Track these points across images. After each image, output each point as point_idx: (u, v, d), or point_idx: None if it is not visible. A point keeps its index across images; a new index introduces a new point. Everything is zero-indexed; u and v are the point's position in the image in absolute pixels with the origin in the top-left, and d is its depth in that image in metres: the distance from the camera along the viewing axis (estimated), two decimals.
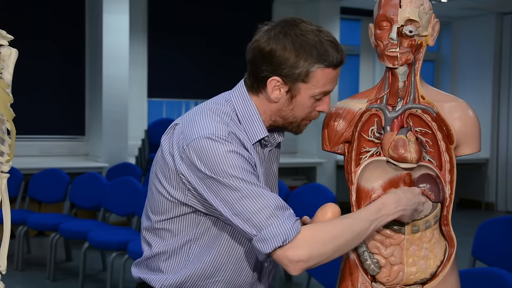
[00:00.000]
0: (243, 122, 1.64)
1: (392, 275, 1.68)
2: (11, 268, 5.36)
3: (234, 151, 1.53)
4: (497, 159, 9.34)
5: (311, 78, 1.59)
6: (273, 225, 1.48)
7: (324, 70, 1.59)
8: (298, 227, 1.50)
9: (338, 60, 1.60)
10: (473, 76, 9.56)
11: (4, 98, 1.34)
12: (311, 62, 1.58)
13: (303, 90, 1.61)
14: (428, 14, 1.70)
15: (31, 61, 6.99)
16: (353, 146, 1.74)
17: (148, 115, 7.98)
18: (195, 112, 1.65)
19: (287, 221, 1.49)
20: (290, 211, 1.53)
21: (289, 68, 1.58)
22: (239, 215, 1.51)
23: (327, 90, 1.63)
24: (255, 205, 1.50)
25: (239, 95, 1.67)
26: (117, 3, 7.06)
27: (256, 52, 1.61)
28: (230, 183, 1.51)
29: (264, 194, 1.51)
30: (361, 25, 9.34)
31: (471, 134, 1.70)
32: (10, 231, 1.43)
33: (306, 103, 1.63)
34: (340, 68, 1.64)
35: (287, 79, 1.60)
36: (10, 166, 1.41)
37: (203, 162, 1.53)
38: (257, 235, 1.50)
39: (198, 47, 8.07)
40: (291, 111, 1.64)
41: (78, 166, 6.92)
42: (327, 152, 1.80)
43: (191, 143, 1.55)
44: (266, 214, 1.49)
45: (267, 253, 1.50)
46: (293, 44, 1.57)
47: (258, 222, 1.49)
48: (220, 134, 1.55)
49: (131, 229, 5.01)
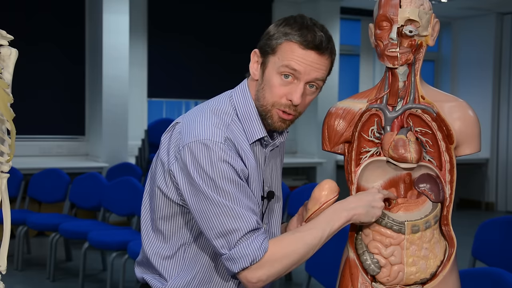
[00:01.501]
0: (242, 121, 1.64)
1: (392, 275, 1.68)
2: (11, 268, 5.36)
3: (226, 161, 1.53)
4: (497, 159, 9.34)
5: (278, 50, 1.61)
6: (242, 245, 1.52)
7: (291, 44, 1.60)
8: (266, 246, 1.53)
9: (310, 42, 1.59)
10: (473, 76, 9.56)
11: (4, 98, 1.34)
12: (281, 34, 1.61)
13: (270, 64, 1.63)
14: (428, 14, 1.70)
15: (31, 61, 6.99)
16: (353, 146, 1.74)
17: (148, 115, 7.98)
18: (196, 112, 1.65)
19: (255, 241, 1.52)
20: (261, 230, 1.55)
21: (266, 39, 1.64)
22: (213, 229, 1.53)
23: (290, 65, 1.59)
24: (232, 225, 1.52)
25: (241, 93, 1.68)
26: (117, 3, 7.06)
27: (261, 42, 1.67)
28: (213, 197, 1.52)
29: (242, 215, 1.52)
30: (361, 25, 9.34)
31: (471, 134, 1.70)
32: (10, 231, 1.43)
33: (273, 80, 1.61)
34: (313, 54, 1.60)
35: (261, 51, 1.64)
36: (10, 166, 1.41)
37: (195, 167, 1.54)
38: (225, 253, 1.53)
39: (198, 47, 8.07)
40: (262, 90, 1.64)
41: (78, 166, 6.92)
42: (327, 152, 1.80)
43: (187, 146, 1.56)
44: (239, 235, 1.52)
45: (235, 272, 1.54)
46: (282, 21, 1.64)
47: (229, 241, 1.52)
48: (216, 140, 1.55)
49: (131, 229, 5.01)
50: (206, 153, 1.53)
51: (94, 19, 7.28)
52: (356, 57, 9.38)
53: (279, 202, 1.79)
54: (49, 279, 5.22)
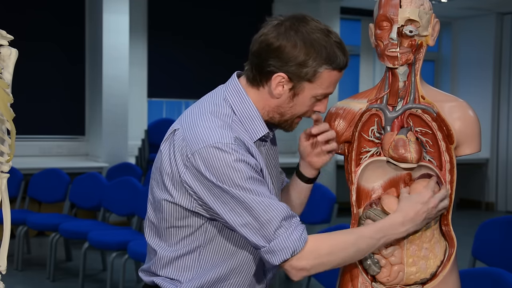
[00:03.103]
0: (243, 121, 1.62)
1: (392, 275, 1.68)
2: (11, 268, 5.36)
3: (242, 160, 1.52)
4: (497, 159, 9.34)
5: (317, 79, 1.58)
6: (282, 237, 1.50)
7: (330, 72, 1.59)
8: (305, 236, 1.52)
9: (345, 63, 1.61)
10: (473, 76, 9.56)
11: (4, 98, 1.34)
12: (319, 62, 1.57)
13: (307, 90, 1.60)
14: (428, 14, 1.70)
15: (31, 61, 6.99)
16: (353, 146, 1.74)
17: (148, 115, 7.98)
18: (195, 116, 1.61)
19: (295, 232, 1.51)
20: (296, 219, 1.54)
21: (297, 66, 1.57)
22: (247, 226, 1.51)
23: (329, 92, 1.63)
24: (263, 217, 1.50)
25: (233, 91, 1.65)
26: (117, 3, 7.06)
27: (264, 46, 1.59)
28: (238, 194, 1.50)
29: (272, 205, 1.51)
30: (361, 25, 9.34)
31: (471, 134, 1.70)
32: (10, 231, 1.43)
33: (307, 102, 1.62)
34: (343, 71, 1.64)
35: (293, 77, 1.58)
36: (10, 166, 1.41)
37: (211, 172, 1.51)
38: (265, 246, 1.51)
39: (198, 47, 8.07)
40: (290, 109, 1.63)
41: (78, 166, 6.92)
42: None
43: (197, 152, 1.52)
44: (274, 226, 1.50)
45: (276, 265, 1.52)
46: (303, 42, 1.56)
47: (266, 233, 1.50)
48: (227, 141, 1.52)
49: (131, 229, 5.01)
50: (221, 156, 1.51)
51: (94, 19, 7.28)
52: (356, 57, 9.38)
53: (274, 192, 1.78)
54: (49, 279, 5.22)
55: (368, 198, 1.73)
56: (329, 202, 4.55)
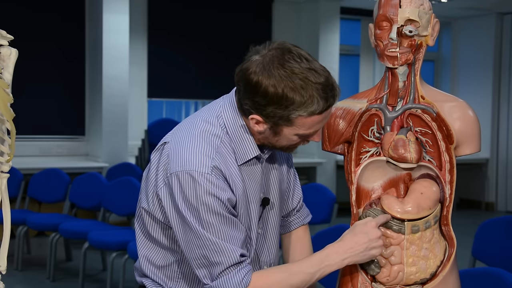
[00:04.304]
0: (233, 141, 1.61)
1: (392, 275, 1.68)
2: (11, 268, 5.36)
3: (212, 194, 1.52)
4: (497, 159, 9.34)
5: (294, 122, 1.53)
6: (224, 278, 1.53)
7: (306, 118, 1.52)
8: (247, 280, 1.54)
9: (324, 108, 1.52)
10: (473, 76, 9.55)
11: (4, 98, 1.34)
12: (291, 109, 1.50)
13: (286, 130, 1.56)
14: (428, 14, 1.70)
15: (31, 61, 6.99)
16: (353, 146, 1.74)
17: (148, 115, 7.98)
18: (185, 133, 1.60)
19: (237, 275, 1.53)
20: (245, 263, 1.55)
21: (269, 110, 1.51)
22: (196, 259, 1.55)
23: (312, 132, 1.58)
24: (213, 258, 1.53)
25: (229, 112, 1.62)
26: (117, 3, 7.06)
27: (241, 83, 1.55)
28: (197, 229, 1.52)
29: (225, 249, 1.52)
30: (361, 25, 9.33)
31: (471, 134, 1.70)
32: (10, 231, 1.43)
33: (292, 138, 1.59)
34: (330, 109, 1.55)
35: (267, 119, 1.54)
36: (10, 166, 1.41)
37: (180, 197, 1.53)
38: (207, 284, 1.55)
39: (198, 47, 8.06)
40: (277, 142, 1.61)
41: (78, 166, 6.92)
42: (327, 152, 1.80)
43: (175, 175, 1.54)
44: (221, 268, 1.53)
45: None
46: (275, 87, 1.48)
47: (212, 272, 1.54)
48: (203, 170, 1.52)
49: (131, 229, 5.00)
50: (192, 185, 1.52)
51: (94, 19, 7.28)
52: (356, 57, 9.38)
53: (274, 208, 1.75)
54: (49, 279, 5.21)
55: (368, 198, 1.73)
56: (329, 202, 4.55)
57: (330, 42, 8.41)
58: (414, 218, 1.67)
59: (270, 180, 1.73)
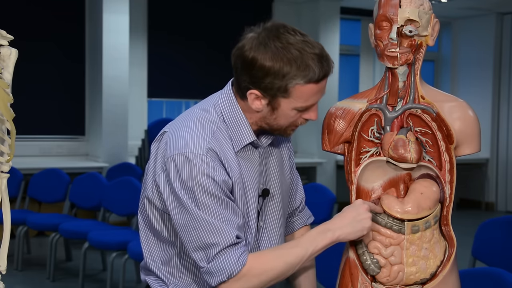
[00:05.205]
0: (230, 127, 1.63)
1: (392, 275, 1.68)
2: (11, 268, 5.36)
3: (207, 175, 1.53)
4: (497, 159, 9.34)
5: (291, 93, 1.56)
6: (220, 259, 1.53)
7: (304, 86, 1.55)
8: (244, 260, 1.54)
9: (320, 75, 1.55)
10: (473, 76, 9.56)
11: (4, 98, 1.34)
12: (289, 78, 1.53)
13: (284, 104, 1.58)
14: (428, 14, 1.70)
15: (31, 61, 6.99)
16: (353, 146, 1.74)
17: (148, 115, 7.98)
18: (182, 121, 1.64)
19: (233, 255, 1.53)
20: (241, 244, 1.55)
21: (267, 82, 1.55)
22: (192, 242, 1.55)
23: (310, 104, 1.60)
24: (209, 240, 1.53)
25: (226, 99, 1.66)
26: (117, 3, 7.06)
27: (238, 61, 1.60)
28: (192, 210, 1.53)
29: (221, 229, 1.53)
30: (361, 25, 9.34)
31: (471, 134, 1.70)
32: (10, 231, 1.43)
33: (290, 114, 1.61)
34: (325, 80, 1.59)
35: (266, 93, 1.57)
36: (10, 166, 1.41)
37: (176, 179, 1.55)
38: (204, 267, 1.55)
39: (198, 47, 8.07)
40: (275, 120, 1.62)
41: (78, 166, 6.92)
42: (327, 152, 1.80)
43: (172, 158, 1.56)
44: (217, 249, 1.53)
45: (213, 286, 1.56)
46: (272, 58, 1.53)
47: (208, 255, 1.54)
48: (199, 152, 1.54)
49: (131, 229, 5.01)
50: (188, 167, 1.53)
51: (94, 19, 7.28)
52: (356, 57, 9.38)
53: (274, 200, 1.76)
54: (49, 279, 5.22)
55: (368, 198, 1.73)
56: (329, 202, 4.55)
57: (330, 42, 8.41)
58: (414, 218, 1.67)
59: (269, 171, 1.74)
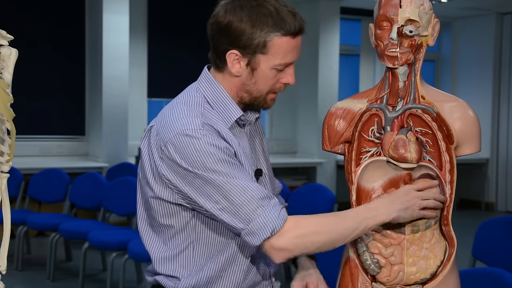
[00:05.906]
0: (215, 106, 1.63)
1: (392, 275, 1.68)
2: (11, 268, 5.36)
3: (211, 144, 1.52)
4: (497, 159, 9.35)
5: (269, 48, 1.58)
6: (260, 217, 1.49)
7: (281, 38, 1.57)
8: (285, 215, 1.52)
9: (296, 28, 1.59)
10: (473, 76, 9.56)
11: (4, 98, 1.34)
12: (267, 31, 1.56)
13: (263, 62, 1.60)
14: (428, 14, 1.70)
15: (31, 61, 6.99)
16: (353, 146, 1.74)
17: (148, 115, 7.98)
18: (167, 111, 1.63)
19: (273, 211, 1.50)
20: (274, 200, 1.54)
21: (246, 39, 1.57)
22: (224, 210, 1.51)
23: (288, 62, 1.61)
24: (239, 199, 1.49)
25: (205, 81, 1.68)
26: (117, 3, 7.06)
27: (215, 27, 1.64)
28: (211, 178, 1.50)
29: (247, 186, 1.50)
30: (361, 25, 9.34)
31: (471, 134, 1.70)
32: (10, 231, 1.43)
33: (268, 75, 1.61)
34: (300, 37, 1.62)
35: (245, 51, 1.59)
36: (10, 166, 1.41)
37: (183, 159, 1.52)
38: (245, 228, 1.51)
39: (198, 47, 8.06)
40: (254, 85, 1.63)
41: (78, 166, 6.92)
42: (327, 152, 1.80)
43: (169, 142, 1.54)
44: (252, 207, 1.49)
45: (257, 245, 1.52)
46: (249, 16, 1.56)
47: (244, 215, 1.50)
48: (194, 127, 1.53)
49: (131, 229, 5.01)
50: (190, 143, 1.52)
51: (94, 19, 7.28)
52: (356, 57, 9.38)
53: (266, 178, 1.75)
54: (49, 279, 5.22)
55: (368, 198, 1.73)
56: (329, 202, 4.55)
57: (330, 42, 8.41)
58: None
59: (257, 152, 1.74)
